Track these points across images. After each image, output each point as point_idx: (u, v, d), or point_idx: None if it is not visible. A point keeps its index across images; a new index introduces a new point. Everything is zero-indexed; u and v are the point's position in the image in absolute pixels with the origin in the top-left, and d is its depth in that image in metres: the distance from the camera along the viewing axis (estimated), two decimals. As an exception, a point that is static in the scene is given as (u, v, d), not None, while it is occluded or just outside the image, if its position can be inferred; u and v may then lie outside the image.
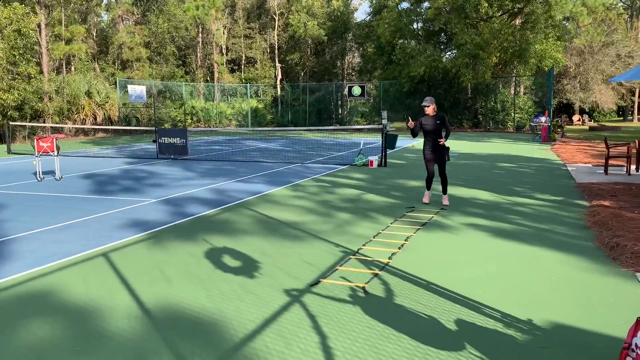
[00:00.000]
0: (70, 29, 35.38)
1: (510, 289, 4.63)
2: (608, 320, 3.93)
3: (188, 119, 37.43)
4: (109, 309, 4.23)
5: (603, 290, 4.60)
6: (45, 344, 3.61)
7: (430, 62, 34.07)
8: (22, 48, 27.20)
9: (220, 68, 43.57)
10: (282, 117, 40.92)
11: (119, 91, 33.57)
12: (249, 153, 18.81)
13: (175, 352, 3.47)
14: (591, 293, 4.53)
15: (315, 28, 42.57)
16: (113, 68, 39.68)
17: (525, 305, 4.24)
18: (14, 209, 8.48)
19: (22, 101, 26.76)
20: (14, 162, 16.17)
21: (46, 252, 5.89)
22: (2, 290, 4.68)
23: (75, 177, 12.40)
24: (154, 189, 10.57)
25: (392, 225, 7.15)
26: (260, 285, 4.78)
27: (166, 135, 17.14)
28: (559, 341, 3.60)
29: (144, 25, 40.59)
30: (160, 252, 5.90)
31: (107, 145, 24.14)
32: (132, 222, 7.49)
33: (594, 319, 3.97)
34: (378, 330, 3.78)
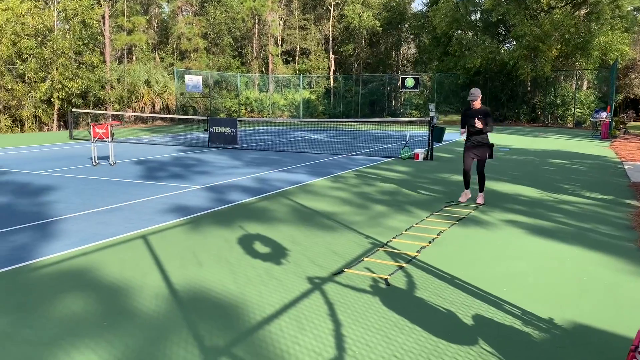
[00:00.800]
0: (132, 20, 36.68)
1: (536, 287, 4.54)
2: (634, 323, 3.80)
3: (242, 109, 38.14)
4: (139, 288, 4.46)
5: (635, 292, 4.44)
6: (77, 318, 3.86)
7: (487, 54, 33.19)
8: (87, 38, 28.51)
9: (274, 59, 44.06)
10: (334, 108, 40.99)
11: (177, 81, 34.59)
12: (296, 144, 19.02)
13: (194, 332, 3.63)
14: (622, 295, 4.38)
15: (370, 19, 42.29)
16: (172, 58, 40.88)
17: (549, 304, 4.16)
18: (68, 191, 8.98)
19: (85, 89, 28.08)
20: (74, 147, 17.04)
21: (90, 233, 6.24)
22: (46, 266, 5.02)
23: (129, 163, 12.95)
24: (200, 176, 10.91)
25: (427, 219, 7.11)
26: (284, 271, 4.90)
27: (217, 124, 17.57)
28: (578, 341, 3.52)
29: (202, 17, 41.54)
30: (196, 237, 6.13)
31: (163, 133, 24.98)
32: (174, 207, 7.79)
33: (619, 321, 3.85)
34: (392, 321, 3.82)
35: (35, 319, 3.81)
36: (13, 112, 26.20)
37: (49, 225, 6.58)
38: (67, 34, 27.38)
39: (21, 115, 26.12)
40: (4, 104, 25.76)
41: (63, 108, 27.18)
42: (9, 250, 5.47)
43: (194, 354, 3.30)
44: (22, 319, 3.81)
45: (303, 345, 3.43)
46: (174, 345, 3.43)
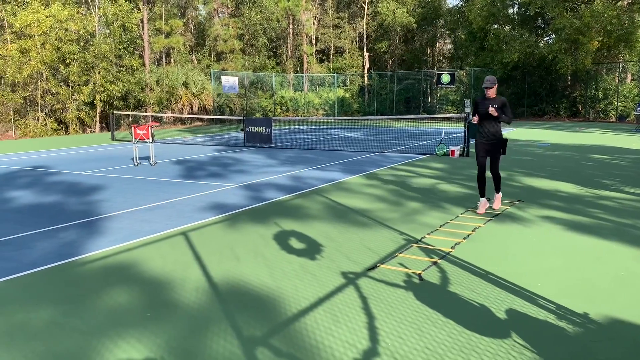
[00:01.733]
0: (169, 23, 37.50)
1: (571, 283, 4.51)
2: (673, 319, 3.75)
3: (277, 109, 38.50)
4: (181, 281, 4.65)
5: (676, 288, 4.36)
6: (122, 309, 4.06)
7: (525, 48, 32.51)
8: (127, 42, 29.32)
9: (309, 58, 44.29)
10: (368, 106, 40.92)
11: (214, 82, 35.19)
12: (331, 142, 19.13)
13: (233, 322, 3.78)
14: (661, 291, 4.31)
15: (405, 15, 42.02)
16: (209, 60, 41.58)
17: (585, 299, 4.13)
18: (112, 190, 9.33)
19: (126, 92, 28.88)
20: (116, 148, 17.60)
21: (133, 230, 6.50)
22: (93, 261, 5.28)
23: (168, 163, 13.32)
24: (237, 174, 11.14)
25: (462, 216, 7.10)
26: (319, 266, 5.01)
27: (252, 124, 17.85)
28: (613, 336, 3.50)
29: (238, 18, 42.12)
30: (233, 233, 6.30)
31: (201, 133, 25.49)
32: (213, 205, 8.01)
33: (658, 317, 3.80)
34: (425, 315, 3.88)
35: (84, 310, 4.04)
36: (58, 115, 27.20)
37: (95, 223, 6.88)
38: (108, 39, 28.23)
39: (65, 118, 27.08)
40: (49, 108, 26.77)
41: (105, 110, 28.05)
42: (59, 247, 5.77)
43: (233, 344, 3.45)
44: (72, 310, 4.04)
45: (337, 337, 3.54)
46: (214, 335, 3.58)
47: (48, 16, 24.91)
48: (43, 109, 26.61)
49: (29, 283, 4.66)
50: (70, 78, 26.59)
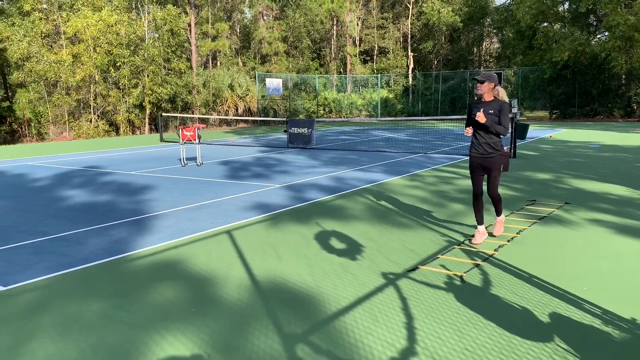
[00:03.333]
0: (216, 27, 38.29)
1: (619, 287, 4.38)
2: None
3: (320, 110, 38.68)
4: (225, 278, 4.78)
5: None
6: (169, 304, 4.22)
7: (576, 46, 31.52)
8: (175, 46, 30.14)
9: (352, 59, 44.30)
10: (412, 106, 40.58)
11: (258, 84, 35.71)
12: (374, 143, 19.09)
13: (274, 319, 3.87)
14: None
15: (450, 15, 41.46)
16: (254, 62, 42.22)
17: (633, 304, 4.01)
18: (160, 190, 9.64)
19: (174, 94, 29.70)
20: (164, 149, 18.13)
21: (180, 228, 6.71)
22: (142, 257, 5.48)
23: (214, 164, 13.62)
24: (280, 175, 11.29)
25: (507, 218, 6.98)
26: (359, 267, 5.05)
27: (295, 125, 18.02)
28: (662, 343, 3.39)
29: (282, 21, 42.58)
30: (276, 232, 6.42)
31: (246, 134, 25.92)
32: (256, 204, 8.16)
33: None
34: (466, 317, 3.86)
35: (133, 304, 4.21)
36: (109, 117, 28.23)
37: (143, 221, 7.13)
38: (156, 43, 29.10)
39: (116, 119, 28.08)
40: (101, 110, 27.82)
41: (153, 112, 28.91)
42: (110, 243, 6.02)
43: (274, 340, 3.53)
44: (121, 304, 4.22)
45: (376, 336, 3.57)
46: (255, 331, 3.68)
47: (98, 21, 25.87)
48: (95, 111, 27.67)
49: (83, 277, 4.89)
50: (121, 81, 27.54)
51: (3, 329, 3.78)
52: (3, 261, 5.41)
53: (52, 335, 3.66)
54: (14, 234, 6.52)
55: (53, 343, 3.55)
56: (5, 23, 27.46)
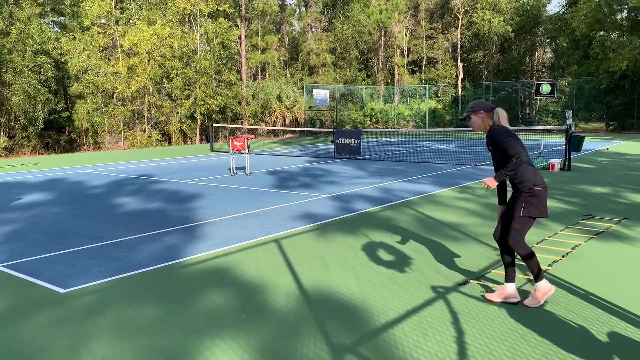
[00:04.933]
0: (265, 39, 38.99)
1: (685, 308, 4.16)
2: None
3: (367, 121, 38.65)
4: (274, 287, 4.83)
5: None
6: (219, 310, 4.30)
7: (635, 55, 30.33)
8: (225, 58, 30.86)
9: (400, 70, 44.13)
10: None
11: (305, 95, 36.06)
12: (421, 154, 18.89)
13: (322, 329, 3.88)
14: None
15: (501, 24, 40.76)
16: (301, 74, 42.70)
17: (700, 326, 3.80)
18: (211, 198, 9.85)
19: (224, 105, 30.36)
20: (214, 159, 18.53)
21: (230, 235, 6.83)
22: (193, 264, 5.62)
23: (262, 173, 13.82)
24: (327, 185, 11.34)
25: (561, 233, 6.76)
26: (408, 279, 5.00)
27: (343, 136, 18.07)
28: None
29: (330, 32, 42.93)
30: (323, 242, 6.44)
31: (293, 145, 26.17)
32: (303, 214, 8.22)
33: None
34: (519, 333, 3.75)
35: (185, 310, 4.31)
36: (162, 127, 29.13)
37: (195, 229, 7.31)
38: (208, 55, 29.89)
39: (169, 130, 28.94)
40: (154, 120, 28.74)
41: (204, 123, 29.63)
42: (163, 249, 6.20)
43: (323, 350, 3.54)
44: (174, 309, 4.33)
45: (426, 350, 3.52)
46: (304, 340, 3.70)
47: (152, 35, 26.81)
48: (149, 121, 28.62)
49: (137, 282, 5.05)
50: (173, 92, 28.39)
51: (64, 330, 3.94)
52: (63, 264, 5.65)
53: (109, 338, 3.79)
54: (73, 239, 6.80)
55: (110, 345, 3.68)
56: (67, 37, 28.86)
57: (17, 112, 24.44)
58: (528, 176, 4.22)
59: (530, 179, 4.22)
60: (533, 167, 4.33)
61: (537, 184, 4.22)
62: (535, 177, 4.25)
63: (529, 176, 4.22)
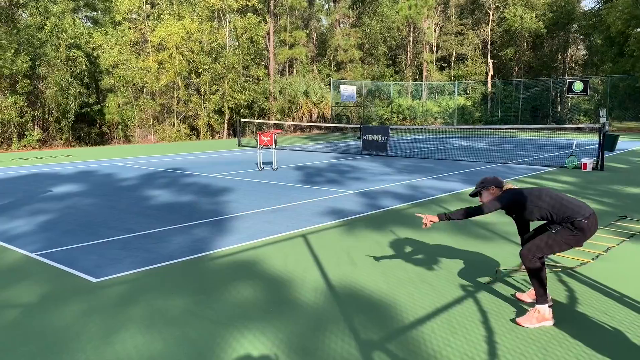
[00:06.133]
0: (293, 35, 39.02)
1: None
2: None
3: (394, 117, 38.39)
4: (301, 281, 4.84)
5: None
6: (248, 303, 4.33)
7: (673, 52, 29.40)
8: (254, 54, 31.00)
9: (429, 66, 43.69)
10: (491, 114, 39.39)
11: (332, 91, 35.99)
12: (450, 151, 18.69)
13: (350, 324, 3.87)
14: None
15: (533, 20, 39.94)
16: (329, 69, 42.62)
17: None
18: (239, 192, 9.92)
19: (251, 101, 30.52)
20: (241, 153, 18.67)
21: (258, 229, 6.87)
22: (222, 256, 5.67)
23: (289, 168, 13.86)
24: (353, 182, 11.31)
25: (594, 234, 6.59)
26: (436, 277, 4.95)
27: (369, 132, 17.99)
28: None
29: (358, 28, 42.73)
30: (350, 238, 6.43)
31: (320, 141, 26.17)
32: (330, 210, 8.21)
33: None
34: (551, 334, 3.68)
35: (214, 301, 4.36)
36: (190, 121, 29.45)
37: (222, 222, 7.37)
38: (236, 50, 30.07)
39: (197, 124, 29.24)
40: (183, 115, 29.07)
41: (232, 118, 29.85)
42: (192, 242, 6.27)
43: (351, 345, 3.53)
44: (204, 301, 4.38)
45: (455, 348, 3.48)
46: (332, 335, 3.70)
47: (181, 29, 27.08)
48: (178, 115, 28.96)
49: (167, 273, 5.12)
50: (202, 87, 28.66)
51: (96, 319, 4.03)
52: (95, 254, 5.77)
53: (140, 327, 3.86)
54: (105, 230, 6.94)
55: (141, 334, 3.74)
56: (99, 32, 29.39)
57: (51, 104, 25.00)
58: (570, 210, 3.88)
59: (573, 210, 3.87)
60: (573, 199, 4.02)
61: (577, 216, 3.83)
62: (579, 208, 3.88)
63: (570, 209, 3.88)
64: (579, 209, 3.88)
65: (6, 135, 23.74)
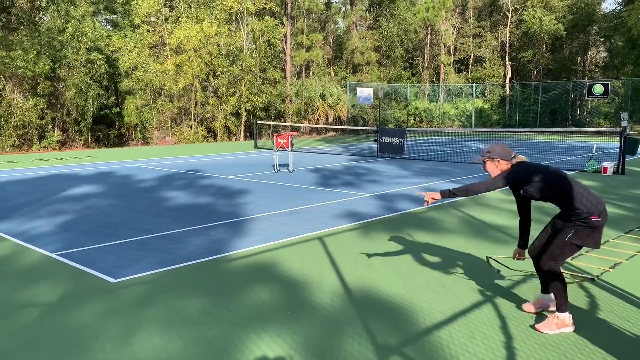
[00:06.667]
0: (310, 37, 39.07)
1: None
2: None
3: (411, 120, 38.23)
4: (317, 284, 4.84)
5: None
6: (264, 305, 4.34)
7: (697, 55, 28.83)
8: (271, 56, 31.11)
9: (446, 68, 43.44)
10: (509, 117, 39.01)
11: (349, 93, 35.96)
12: (467, 154, 18.55)
13: (367, 328, 3.86)
14: None
15: (553, 23, 39.48)
16: (345, 72, 42.58)
17: None
18: (255, 194, 9.96)
19: (268, 103, 30.62)
20: (258, 155, 18.73)
21: (274, 232, 6.88)
22: (239, 258, 5.69)
23: (305, 171, 13.87)
24: (370, 184, 11.28)
25: (615, 241, 6.49)
26: (455, 281, 4.91)
27: (386, 135, 17.94)
28: None
29: (375, 30, 42.65)
30: (366, 241, 6.40)
31: (336, 143, 26.17)
32: (346, 212, 8.20)
33: None
34: (571, 340, 3.63)
35: (231, 302, 4.37)
36: (207, 123, 29.65)
37: (239, 223, 7.40)
38: (254, 53, 30.20)
39: (214, 126, 29.42)
40: (200, 117, 29.27)
41: (249, 120, 29.98)
42: (209, 243, 6.30)
43: (368, 349, 3.52)
44: (220, 302, 4.39)
45: (473, 353, 3.45)
46: (349, 338, 3.69)
47: (199, 32, 27.28)
48: (195, 117, 29.16)
49: (184, 274, 5.15)
50: (219, 90, 28.84)
51: (115, 319, 4.06)
52: (114, 255, 5.83)
53: (158, 328, 3.88)
54: (123, 231, 7.01)
55: (159, 335, 3.76)
56: (118, 35, 29.74)
57: (70, 106, 25.35)
58: (582, 203, 3.72)
59: (585, 205, 3.71)
60: (586, 190, 3.84)
61: (593, 213, 3.69)
62: (590, 204, 3.71)
63: (582, 203, 3.72)
64: (594, 205, 3.72)
65: (27, 136, 24.12)
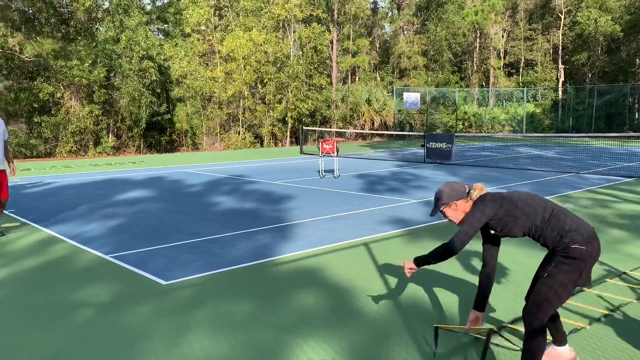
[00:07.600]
0: (356, 43, 39.10)
1: None
2: None
3: (459, 125, 37.60)
4: (363, 290, 4.80)
5: None
6: (310, 310, 4.34)
7: None
8: (317, 63, 31.32)
9: (496, 72, 42.52)
10: (562, 122, 37.79)
11: (395, 98, 35.74)
12: (518, 160, 18.06)
13: (415, 338, 3.80)
14: None
15: (609, 24, 38.04)
16: (392, 77, 42.38)
17: None
18: (300, 200, 10.01)
19: (314, 109, 30.82)
20: (303, 161, 18.85)
21: (320, 237, 6.89)
22: (285, 262, 5.73)
23: (350, 176, 13.85)
24: (417, 190, 11.14)
25: (678, 249, 6.17)
26: (505, 291, 4.78)
27: (434, 140, 17.70)
28: None
29: (423, 34, 42.27)
30: (414, 248, 6.32)
31: (382, 148, 26.02)
32: (393, 218, 8.12)
33: None
34: (629, 354, 3.46)
35: (277, 307, 4.40)
36: (255, 130, 30.10)
37: (285, 228, 7.45)
38: (300, 60, 30.49)
39: (261, 132, 29.84)
40: (248, 123, 29.74)
41: (295, 126, 30.25)
42: (256, 247, 6.38)
43: (415, 358, 3.46)
44: (267, 306, 4.43)
45: (525, 366, 3.33)
46: (395, 346, 3.64)
47: (248, 41, 27.78)
48: (243, 124, 29.66)
49: (232, 278, 5.23)
50: (267, 97, 29.24)
51: (166, 320, 4.16)
52: (165, 258, 5.98)
53: (206, 330, 3.95)
54: (173, 234, 7.18)
55: (207, 337, 3.83)
56: (170, 44, 30.65)
57: (124, 113, 26.27)
58: (562, 229, 2.98)
59: (567, 233, 2.95)
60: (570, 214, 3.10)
61: (575, 241, 2.93)
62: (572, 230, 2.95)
63: (562, 229, 2.98)
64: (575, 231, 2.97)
65: (83, 142, 25.17)
